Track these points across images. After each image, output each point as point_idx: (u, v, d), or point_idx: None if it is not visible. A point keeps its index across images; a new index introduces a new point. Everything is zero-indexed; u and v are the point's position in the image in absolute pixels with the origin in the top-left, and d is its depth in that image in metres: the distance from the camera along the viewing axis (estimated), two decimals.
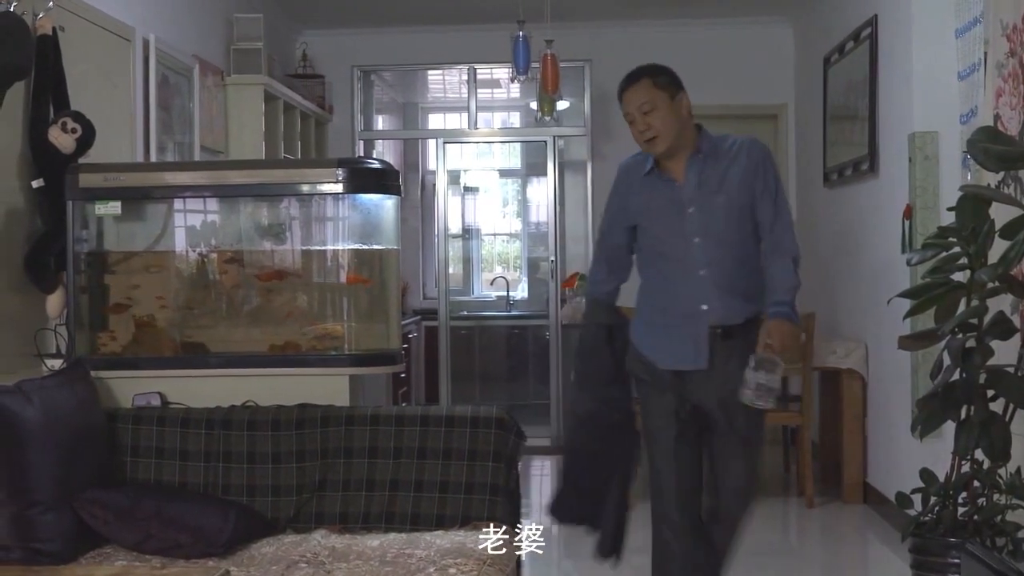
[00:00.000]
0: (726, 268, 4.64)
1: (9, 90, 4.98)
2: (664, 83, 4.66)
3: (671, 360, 4.70)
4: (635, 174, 4.84)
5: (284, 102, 8.97)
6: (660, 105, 4.64)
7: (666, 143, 4.65)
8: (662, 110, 4.64)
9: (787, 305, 4.58)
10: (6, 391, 4.32)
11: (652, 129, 4.64)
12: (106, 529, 4.31)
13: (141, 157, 6.75)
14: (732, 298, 4.64)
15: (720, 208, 4.64)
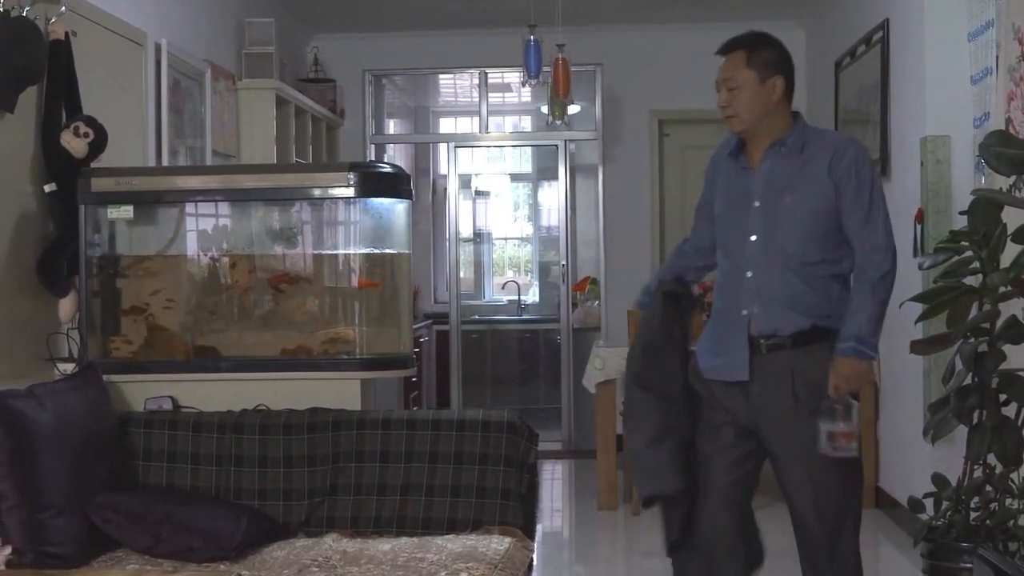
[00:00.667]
0: (777, 274, 4.21)
1: (22, 94, 4.99)
2: (759, 62, 4.24)
3: (712, 369, 4.31)
4: (720, 156, 4.47)
5: (295, 106, 8.97)
6: (747, 86, 4.22)
7: (743, 125, 4.27)
8: (748, 91, 4.23)
9: (854, 339, 4.08)
10: (18, 395, 4.33)
11: (731, 108, 4.26)
12: (118, 533, 4.32)
13: (153, 161, 6.76)
14: (778, 308, 4.20)
15: (786, 208, 4.21)
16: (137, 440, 4.77)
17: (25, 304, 5.07)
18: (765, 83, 4.23)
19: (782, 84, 4.26)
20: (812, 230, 4.18)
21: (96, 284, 5.20)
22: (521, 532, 4.60)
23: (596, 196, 10.73)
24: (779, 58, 4.28)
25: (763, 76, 4.23)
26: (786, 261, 4.20)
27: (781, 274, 4.20)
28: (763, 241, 4.23)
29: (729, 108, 4.26)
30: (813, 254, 4.19)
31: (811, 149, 4.24)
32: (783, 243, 4.20)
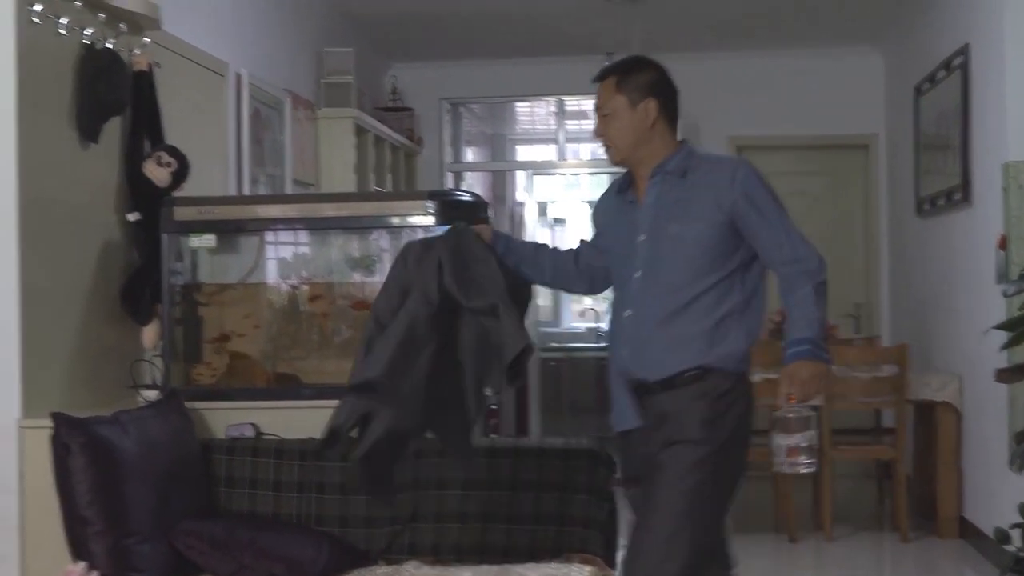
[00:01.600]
0: (655, 313, 3.94)
1: (106, 125, 5.05)
2: (630, 86, 4.04)
3: (612, 418, 4.12)
4: (608, 194, 4.27)
5: (374, 135, 9.03)
6: (619, 112, 4.03)
7: (620, 154, 4.05)
8: (620, 118, 4.03)
9: (807, 343, 3.86)
10: (103, 421, 4.38)
11: (606, 136, 4.07)
12: (201, 559, 4.35)
13: (234, 190, 6.82)
14: (652, 348, 3.94)
15: (670, 240, 3.95)
16: (220, 467, 4.79)
17: (109, 332, 5.12)
18: (637, 107, 4.03)
19: (656, 107, 4.04)
20: (698, 262, 3.94)
21: (178, 312, 5.24)
22: (602, 560, 4.57)
23: None
24: (653, 81, 4.08)
25: (634, 100, 4.03)
26: (675, 299, 3.93)
27: (669, 313, 3.93)
28: (646, 277, 3.99)
29: (604, 137, 4.09)
30: (698, 286, 3.93)
31: (696, 175, 3.99)
32: (668, 280, 3.96)
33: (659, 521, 3.87)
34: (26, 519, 4.49)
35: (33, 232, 4.55)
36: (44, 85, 4.71)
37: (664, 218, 3.98)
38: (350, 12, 9.35)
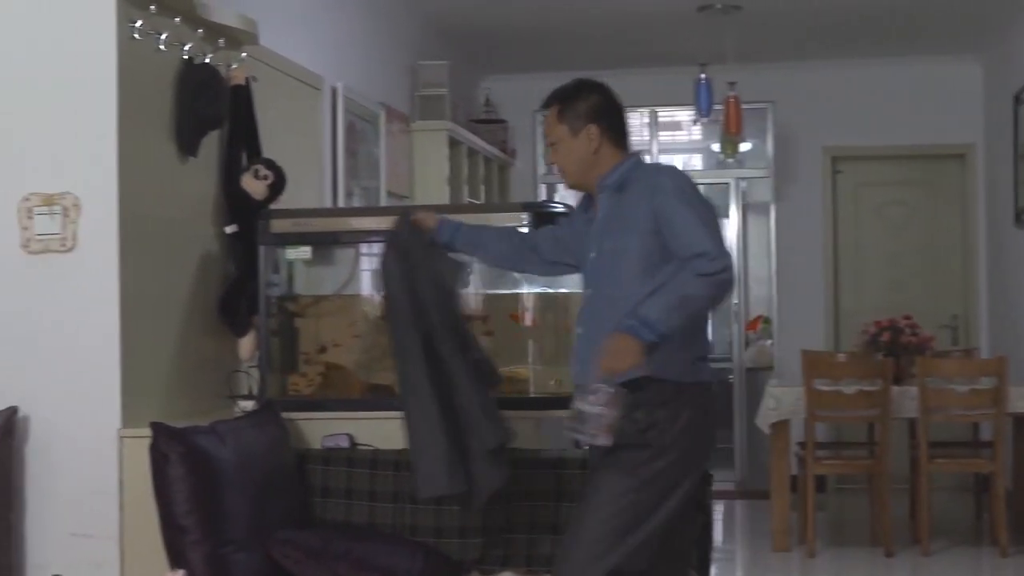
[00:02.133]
0: (601, 328, 3.93)
1: (204, 139, 5.12)
2: (570, 115, 4.11)
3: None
4: (579, 207, 4.37)
5: (468, 147, 9.07)
6: (563, 140, 4.12)
7: (572, 179, 4.19)
8: (564, 146, 4.13)
9: (636, 319, 3.77)
10: (201, 431, 4.43)
11: (557, 163, 4.20)
12: (297, 569, 4.38)
13: (329, 202, 6.87)
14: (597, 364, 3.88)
15: (610, 254, 4.04)
16: (315, 477, 4.82)
17: (207, 343, 5.18)
18: (578, 135, 4.10)
19: (597, 132, 4.10)
20: (635, 272, 3.98)
21: (275, 323, 5.29)
22: (696, 572, 4.55)
23: (768, 234, 10.65)
24: (593, 106, 4.13)
25: (575, 128, 4.10)
26: (612, 311, 3.94)
27: (607, 327, 3.90)
28: (594, 294, 4.12)
29: (556, 164, 4.20)
30: (637, 297, 3.90)
31: (633, 186, 4.04)
32: (609, 291, 4.03)
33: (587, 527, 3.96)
34: (125, 527, 4.55)
35: (133, 245, 4.62)
36: (144, 100, 4.78)
37: (606, 234, 4.07)
38: (444, 26, 9.39)
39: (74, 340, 4.60)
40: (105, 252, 4.58)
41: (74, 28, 4.65)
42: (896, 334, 8.15)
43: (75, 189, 4.60)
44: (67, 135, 4.63)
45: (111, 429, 4.55)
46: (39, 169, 4.64)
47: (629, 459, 3.95)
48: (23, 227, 4.62)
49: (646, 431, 3.94)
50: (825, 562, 7.91)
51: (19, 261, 4.64)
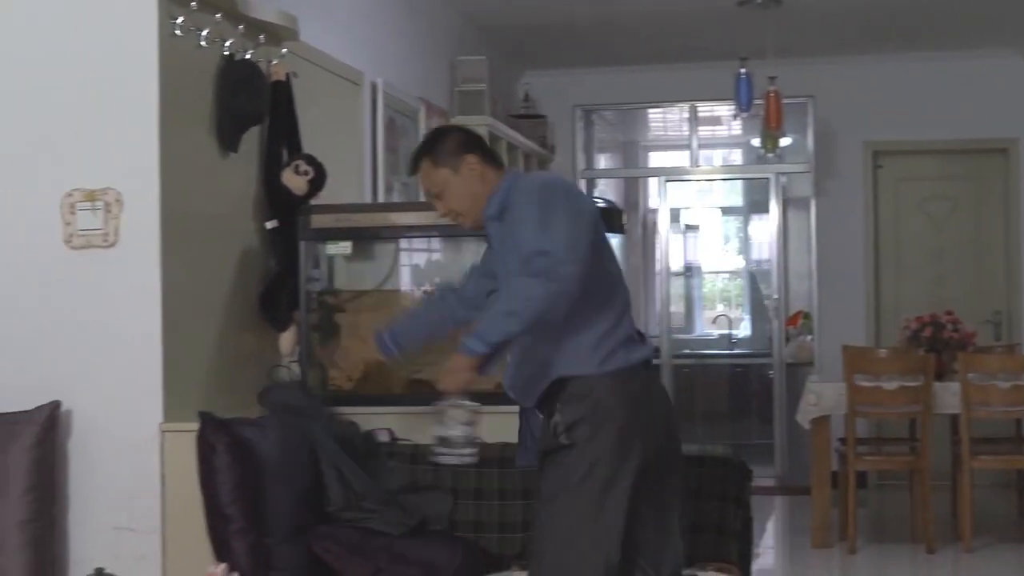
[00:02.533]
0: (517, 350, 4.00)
1: (245, 135, 5.14)
2: (444, 157, 4.04)
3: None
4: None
5: (507, 142, 9.06)
6: (449, 183, 4.04)
7: (472, 219, 4.08)
8: (452, 189, 4.04)
9: (471, 336, 3.82)
10: (247, 423, 4.48)
11: (451, 212, 4.09)
12: (338, 563, 4.40)
13: (369, 198, 6.89)
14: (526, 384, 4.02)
15: (504, 279, 3.99)
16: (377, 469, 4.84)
17: (248, 338, 5.20)
18: (460, 170, 4.02)
19: (476, 159, 4.04)
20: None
21: (315, 318, 5.31)
22: (737, 569, 4.54)
23: (809, 229, 10.60)
24: (460, 141, 4.08)
25: (455, 166, 4.03)
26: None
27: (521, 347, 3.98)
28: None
29: (450, 213, 4.10)
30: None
31: (509, 209, 3.95)
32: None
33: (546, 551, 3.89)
34: (167, 521, 4.58)
35: (174, 240, 4.65)
36: (185, 96, 4.81)
37: (500, 262, 4.04)
38: (483, 21, 9.39)
39: (116, 335, 4.62)
40: (147, 247, 4.61)
41: (116, 25, 4.68)
42: (938, 329, 8.11)
43: (117, 185, 4.63)
44: (109, 131, 4.66)
45: (153, 423, 4.57)
46: (82, 165, 4.67)
47: (559, 465, 3.88)
48: (66, 222, 4.65)
49: (568, 431, 3.86)
50: (866, 558, 7.87)
51: (62, 256, 4.67)
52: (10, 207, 4.72)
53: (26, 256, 4.71)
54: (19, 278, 4.71)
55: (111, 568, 3.21)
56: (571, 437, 3.85)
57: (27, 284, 4.71)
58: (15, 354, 4.69)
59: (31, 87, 4.72)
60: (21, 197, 4.71)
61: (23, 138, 4.72)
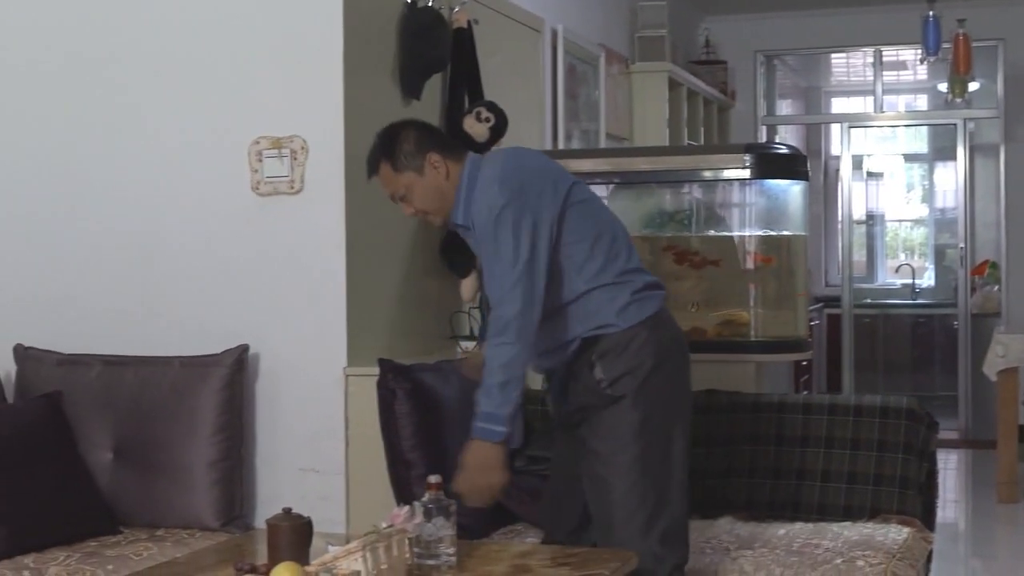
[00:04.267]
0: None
1: (427, 82, 5.17)
2: (403, 160, 3.81)
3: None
4: None
5: (687, 89, 8.99)
6: (413, 186, 3.81)
7: (440, 216, 3.87)
8: (416, 190, 3.81)
9: (485, 419, 3.64)
10: (427, 369, 4.53)
11: (418, 211, 3.87)
12: (520, 508, 4.43)
13: (549, 145, 6.88)
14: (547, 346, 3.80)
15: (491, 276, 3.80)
16: (535, 418, 4.85)
17: (431, 284, 5.25)
18: (424, 171, 3.80)
19: (437, 156, 3.81)
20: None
21: None
22: (920, 522, 4.47)
23: (997, 176, 10.33)
24: (415, 139, 3.83)
25: (418, 166, 3.80)
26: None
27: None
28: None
29: (418, 213, 3.88)
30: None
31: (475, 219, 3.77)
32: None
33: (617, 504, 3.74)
34: (351, 463, 4.65)
35: (359, 186, 4.69)
36: (369, 44, 4.85)
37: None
38: None
39: (302, 280, 4.70)
40: (331, 193, 4.67)
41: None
42: None
43: (303, 132, 4.69)
44: (295, 79, 4.72)
45: (337, 367, 4.65)
46: (268, 113, 4.74)
47: (613, 420, 3.74)
48: (253, 169, 4.73)
49: (612, 385, 3.73)
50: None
51: (249, 203, 4.75)
52: (200, 155, 4.81)
53: (215, 203, 4.80)
54: (208, 225, 4.82)
55: (297, 508, 3.27)
56: (619, 389, 3.73)
57: (216, 231, 4.80)
58: (205, 299, 4.79)
59: (219, 38, 4.80)
60: (210, 145, 4.80)
61: (212, 88, 4.80)
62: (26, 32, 4.95)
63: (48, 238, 4.89)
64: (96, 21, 4.89)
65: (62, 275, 4.87)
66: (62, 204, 4.87)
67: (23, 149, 4.91)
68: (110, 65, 4.85)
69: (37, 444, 4.32)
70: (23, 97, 4.95)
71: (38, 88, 4.93)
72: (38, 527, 4.13)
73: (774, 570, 3.95)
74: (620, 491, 3.70)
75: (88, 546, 4.15)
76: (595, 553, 3.52)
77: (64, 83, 4.90)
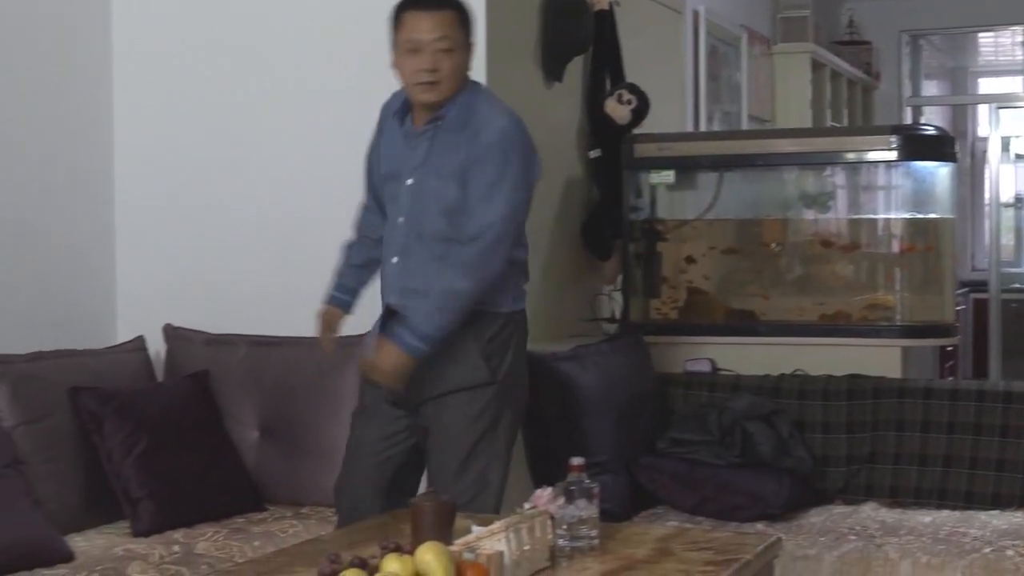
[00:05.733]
0: (419, 266, 3.72)
1: (569, 64, 5.17)
2: (468, 25, 3.72)
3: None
4: (388, 110, 3.88)
5: (831, 69, 8.88)
6: (458, 48, 3.67)
7: (443, 95, 3.68)
8: (458, 55, 3.67)
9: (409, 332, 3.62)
10: (564, 357, 4.52)
11: (440, 72, 3.64)
12: (663, 492, 4.43)
13: (690, 126, 6.85)
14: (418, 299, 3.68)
15: (431, 192, 3.70)
16: (676, 401, 4.85)
17: (571, 266, 5.25)
18: (468, 48, 3.73)
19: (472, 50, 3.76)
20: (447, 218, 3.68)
21: (637, 247, 5.32)
22: None
23: None
24: (472, 21, 3.75)
25: (468, 41, 3.72)
26: (424, 247, 3.71)
27: (417, 264, 3.72)
28: (407, 222, 3.74)
29: (436, 73, 3.64)
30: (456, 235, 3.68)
31: (471, 128, 3.68)
32: (422, 227, 3.71)
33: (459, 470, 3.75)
34: None
35: None
36: (511, 26, 4.85)
37: (429, 168, 3.72)
38: None
39: None
40: None
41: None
42: None
43: None
44: None
45: None
46: None
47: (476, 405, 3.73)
48: None
49: (487, 362, 3.72)
50: None
51: None
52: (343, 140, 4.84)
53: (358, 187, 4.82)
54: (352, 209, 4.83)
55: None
56: (492, 374, 3.72)
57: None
58: None
59: (361, 22, 4.81)
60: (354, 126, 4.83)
61: (355, 73, 4.81)
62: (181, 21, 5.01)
63: (198, 222, 4.95)
64: (247, 10, 4.94)
65: (211, 258, 4.95)
66: (212, 189, 4.94)
67: (176, 137, 4.98)
68: (257, 53, 4.90)
69: (185, 422, 4.39)
70: (176, 86, 5.01)
71: (189, 76, 4.99)
72: (187, 503, 4.21)
73: (920, 558, 3.90)
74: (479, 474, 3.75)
75: (235, 522, 4.21)
76: (738, 537, 3.50)
77: (212, 70, 4.96)
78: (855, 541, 4.04)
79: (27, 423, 4.09)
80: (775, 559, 3.41)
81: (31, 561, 3.66)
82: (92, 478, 4.16)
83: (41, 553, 3.71)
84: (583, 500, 3.23)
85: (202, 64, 4.96)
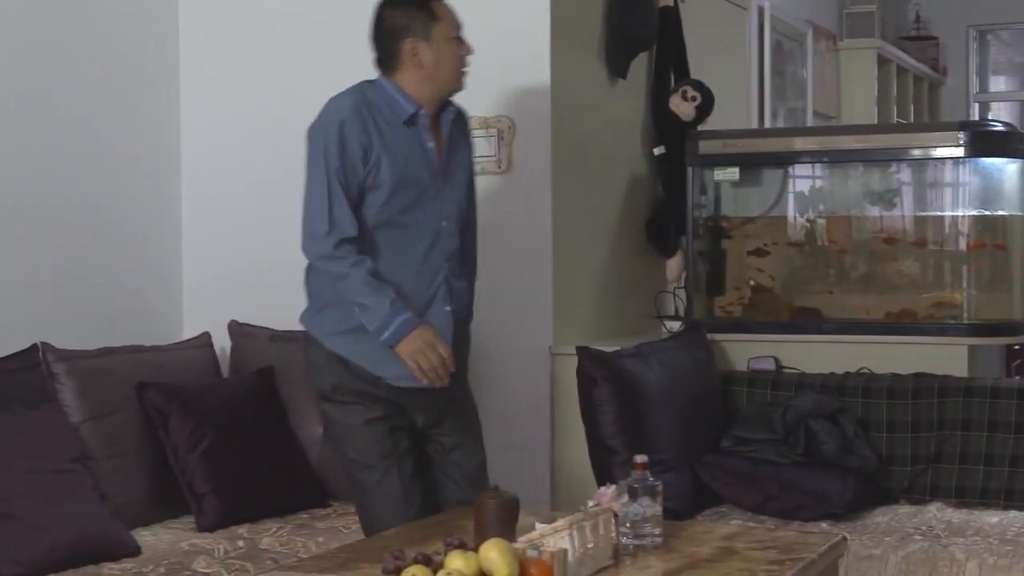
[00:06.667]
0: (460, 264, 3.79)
1: (633, 61, 5.15)
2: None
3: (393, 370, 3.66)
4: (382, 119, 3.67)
5: (897, 65, 8.81)
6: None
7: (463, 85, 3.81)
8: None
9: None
10: (627, 355, 4.52)
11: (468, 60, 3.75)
12: (726, 491, 4.41)
13: (755, 123, 6.83)
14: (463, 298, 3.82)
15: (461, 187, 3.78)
16: (740, 399, 4.82)
17: (635, 263, 5.25)
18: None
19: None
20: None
21: (702, 245, 5.30)
22: None
23: None
24: None
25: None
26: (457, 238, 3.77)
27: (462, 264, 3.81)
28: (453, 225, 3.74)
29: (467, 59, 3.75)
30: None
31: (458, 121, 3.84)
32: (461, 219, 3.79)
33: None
34: (556, 443, 4.68)
35: (565, 166, 4.71)
36: (575, 22, 4.85)
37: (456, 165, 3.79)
38: None
39: (509, 259, 4.71)
40: (538, 173, 4.68)
41: None
42: None
43: (510, 112, 4.71)
44: (502, 59, 4.70)
45: (543, 346, 4.67)
46: (475, 93, 4.72)
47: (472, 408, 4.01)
48: None
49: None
50: None
51: None
52: None
53: None
54: None
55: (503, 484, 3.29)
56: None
57: None
58: None
59: None
60: None
61: None
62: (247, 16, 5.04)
63: (264, 219, 4.97)
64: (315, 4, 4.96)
65: (277, 255, 4.96)
66: (278, 187, 4.94)
67: (243, 134, 4.99)
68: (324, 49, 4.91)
69: (250, 418, 4.43)
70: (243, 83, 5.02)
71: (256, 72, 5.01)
72: (251, 498, 4.24)
73: (987, 559, 3.86)
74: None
75: (299, 518, 4.25)
76: (803, 536, 3.48)
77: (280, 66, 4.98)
78: (921, 541, 4.01)
79: (94, 418, 4.14)
80: (840, 559, 3.40)
81: (98, 555, 3.71)
82: (158, 473, 4.21)
83: (107, 547, 3.76)
84: (646, 498, 3.23)
85: (269, 60, 4.99)
